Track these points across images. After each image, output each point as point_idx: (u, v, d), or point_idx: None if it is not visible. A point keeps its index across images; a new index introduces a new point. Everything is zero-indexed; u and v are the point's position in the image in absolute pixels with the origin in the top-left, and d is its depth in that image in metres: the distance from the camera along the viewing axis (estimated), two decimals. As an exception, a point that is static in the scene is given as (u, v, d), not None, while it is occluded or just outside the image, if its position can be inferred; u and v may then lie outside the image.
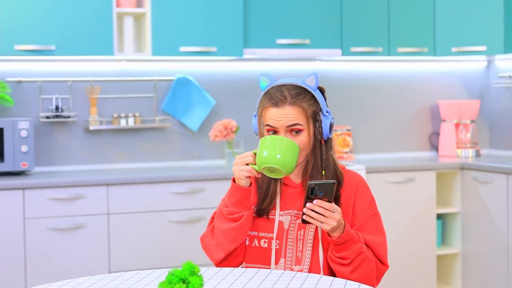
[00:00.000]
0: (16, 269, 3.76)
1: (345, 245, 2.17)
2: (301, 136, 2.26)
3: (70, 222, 3.87)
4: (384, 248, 2.29)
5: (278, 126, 2.25)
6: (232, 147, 4.49)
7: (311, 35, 4.54)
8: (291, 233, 2.28)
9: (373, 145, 5.02)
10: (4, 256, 3.75)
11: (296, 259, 2.27)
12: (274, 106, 2.26)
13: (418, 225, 4.50)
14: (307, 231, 2.27)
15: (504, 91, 5.08)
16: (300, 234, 2.27)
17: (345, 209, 2.27)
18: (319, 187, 2.08)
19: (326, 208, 2.08)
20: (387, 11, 4.70)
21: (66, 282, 2.04)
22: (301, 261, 2.26)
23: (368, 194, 2.35)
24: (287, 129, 2.25)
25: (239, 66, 4.74)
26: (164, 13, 4.22)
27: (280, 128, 2.25)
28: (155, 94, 4.54)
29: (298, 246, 2.27)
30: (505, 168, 4.25)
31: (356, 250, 2.18)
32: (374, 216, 2.32)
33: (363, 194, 2.33)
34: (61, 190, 3.86)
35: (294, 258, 2.27)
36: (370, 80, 5.02)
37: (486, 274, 4.43)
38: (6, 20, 3.92)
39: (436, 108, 5.14)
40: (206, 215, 4.05)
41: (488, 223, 4.39)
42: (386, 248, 2.30)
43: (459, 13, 4.78)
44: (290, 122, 2.25)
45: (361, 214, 2.30)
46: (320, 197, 2.08)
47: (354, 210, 2.30)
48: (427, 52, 4.81)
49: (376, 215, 2.33)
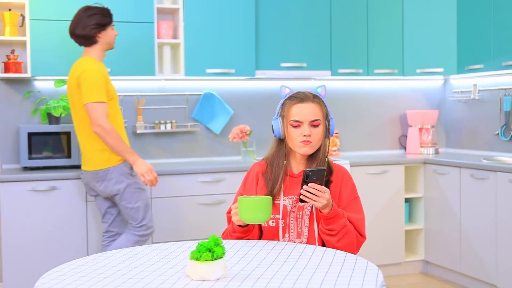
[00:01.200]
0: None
1: (333, 219, 2.17)
2: (319, 129, 2.26)
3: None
4: (363, 224, 2.30)
5: (303, 120, 2.25)
6: (247, 146, 4.48)
7: (307, 60, 4.53)
8: (292, 214, 2.28)
9: (355, 145, 5.00)
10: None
11: (297, 233, 2.27)
12: (300, 102, 2.26)
13: (390, 206, 4.48)
14: (304, 211, 2.27)
15: (457, 103, 5.05)
16: (299, 214, 2.27)
17: (333, 193, 2.28)
18: (312, 173, 2.08)
19: (318, 189, 2.09)
20: (366, 41, 4.68)
21: (118, 251, 2.05)
22: (301, 235, 2.26)
23: (351, 182, 2.35)
24: (310, 122, 2.25)
25: (252, 84, 4.72)
26: (194, 43, 4.21)
27: (305, 121, 2.25)
28: (187, 106, 4.54)
29: (298, 223, 2.27)
30: (458, 162, 4.22)
31: (341, 224, 2.18)
32: (355, 199, 2.33)
33: (347, 182, 2.34)
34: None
35: (296, 232, 2.27)
36: (353, 95, 5.00)
37: (443, 245, 4.41)
38: (72, 48, 3.92)
39: (404, 116, 5.12)
40: (227, 199, 4.04)
41: (445, 205, 4.36)
42: (364, 224, 2.31)
43: (422, 42, 4.76)
44: (313, 117, 2.25)
45: (346, 197, 2.31)
46: (313, 181, 2.09)
47: (340, 194, 2.31)
48: (397, 73, 4.79)
49: (357, 198, 2.34)
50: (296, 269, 1.77)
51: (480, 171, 4.00)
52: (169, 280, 1.67)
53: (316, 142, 2.27)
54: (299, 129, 2.25)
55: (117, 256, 1.96)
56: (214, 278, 1.66)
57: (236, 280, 1.66)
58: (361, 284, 1.60)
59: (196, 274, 1.67)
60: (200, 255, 1.67)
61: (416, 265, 4.65)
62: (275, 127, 2.31)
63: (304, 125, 2.24)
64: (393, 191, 4.49)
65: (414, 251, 4.69)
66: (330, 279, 1.66)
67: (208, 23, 4.24)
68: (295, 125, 2.25)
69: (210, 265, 1.66)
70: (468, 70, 4.54)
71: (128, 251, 2.03)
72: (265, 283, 1.62)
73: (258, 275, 1.71)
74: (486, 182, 3.95)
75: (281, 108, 2.31)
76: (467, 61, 4.53)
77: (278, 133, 2.30)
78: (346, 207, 2.28)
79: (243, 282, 1.64)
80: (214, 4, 4.25)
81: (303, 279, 1.66)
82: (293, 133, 2.26)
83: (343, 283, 1.62)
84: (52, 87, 4.12)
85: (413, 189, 4.67)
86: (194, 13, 4.21)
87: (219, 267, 1.67)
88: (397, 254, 4.52)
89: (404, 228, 4.55)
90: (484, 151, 4.74)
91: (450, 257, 4.31)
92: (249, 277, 1.69)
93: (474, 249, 4.08)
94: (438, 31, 4.72)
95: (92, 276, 1.73)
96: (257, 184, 2.34)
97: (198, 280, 1.66)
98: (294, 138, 2.26)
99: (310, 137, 2.24)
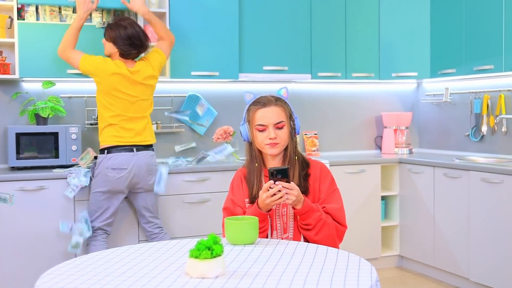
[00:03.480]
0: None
1: (307, 214, 2.17)
2: (284, 130, 2.28)
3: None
4: (343, 214, 2.30)
5: (267, 123, 2.26)
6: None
7: (288, 63, 4.52)
8: (277, 211, 2.28)
9: (334, 145, 5.01)
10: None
11: (283, 229, 2.27)
12: (263, 107, 2.27)
13: (367, 204, 4.50)
14: (288, 208, 2.27)
15: (430, 106, 5.10)
16: (284, 210, 2.28)
17: (312, 188, 2.30)
18: (277, 172, 2.09)
19: (286, 187, 2.09)
20: (344, 47, 4.69)
21: (116, 249, 2.01)
22: (287, 230, 2.27)
23: (329, 175, 2.35)
24: (274, 125, 2.25)
25: (235, 86, 4.69)
26: (179, 46, 4.16)
27: (269, 125, 2.26)
28: (172, 107, 4.49)
29: (283, 220, 2.27)
30: (432, 162, 4.26)
31: (316, 218, 2.18)
32: (334, 191, 2.33)
33: (325, 176, 2.34)
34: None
35: (282, 228, 2.27)
36: (332, 97, 5.01)
37: (417, 240, 4.44)
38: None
39: (380, 118, 5.14)
40: (212, 197, 4.01)
41: (419, 202, 4.39)
42: (344, 213, 2.31)
43: (397, 48, 4.79)
44: (277, 119, 2.27)
45: (325, 190, 2.31)
46: (279, 179, 2.09)
47: (319, 188, 2.31)
48: (374, 77, 4.81)
49: (336, 190, 2.34)
50: (292, 265, 1.75)
51: (454, 170, 4.04)
52: (169, 278, 1.64)
53: (283, 142, 2.29)
54: (265, 132, 2.27)
55: (115, 255, 1.92)
56: (214, 276, 1.63)
57: (235, 277, 1.64)
58: (356, 280, 1.59)
59: (195, 272, 1.64)
60: (200, 253, 1.64)
61: (392, 260, 4.67)
62: (243, 132, 2.33)
63: (269, 129, 2.26)
64: (370, 189, 4.51)
65: (390, 246, 4.72)
66: (325, 275, 1.65)
67: (193, 27, 4.21)
68: (260, 129, 2.27)
69: (210, 263, 1.63)
70: (441, 74, 4.58)
71: (125, 249, 1.99)
72: (263, 280, 1.60)
73: (255, 272, 1.69)
74: (459, 180, 3.99)
75: (247, 114, 2.32)
76: (440, 66, 4.58)
77: (246, 137, 2.33)
78: (325, 200, 2.28)
79: (242, 279, 1.62)
80: (199, 9, 4.22)
81: (299, 276, 1.64)
82: (260, 136, 2.28)
83: (339, 279, 1.61)
84: (40, 88, 4.04)
85: (389, 187, 4.70)
86: (179, 18, 4.17)
87: (218, 264, 1.65)
88: (374, 250, 4.54)
89: (380, 225, 4.57)
90: (455, 151, 4.79)
91: (424, 252, 4.35)
92: (247, 274, 1.66)
93: (447, 244, 4.12)
94: (412, 37, 4.75)
95: (91, 275, 1.69)
96: (243, 188, 2.35)
97: (197, 277, 1.63)
98: (261, 141, 2.28)
99: (276, 139, 2.26)
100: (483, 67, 4.14)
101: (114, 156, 3.50)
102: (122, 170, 3.50)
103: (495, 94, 4.39)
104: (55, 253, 3.61)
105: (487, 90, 4.45)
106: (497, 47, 4.03)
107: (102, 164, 3.50)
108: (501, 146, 4.37)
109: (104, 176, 3.49)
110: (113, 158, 3.50)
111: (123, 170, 3.50)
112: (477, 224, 3.85)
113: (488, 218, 3.76)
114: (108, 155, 3.51)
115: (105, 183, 3.50)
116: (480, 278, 3.85)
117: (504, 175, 3.62)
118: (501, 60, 4.00)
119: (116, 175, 3.50)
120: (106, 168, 3.48)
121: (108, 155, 3.51)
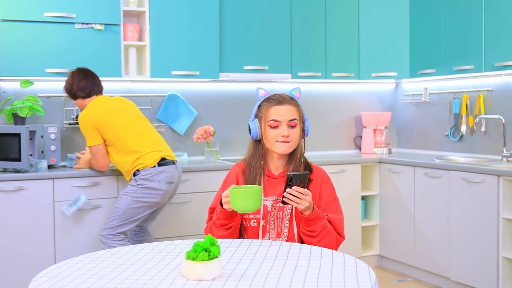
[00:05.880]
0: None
1: (314, 221, 2.15)
2: (296, 129, 2.25)
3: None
4: (342, 224, 2.28)
5: (281, 120, 2.23)
6: (210, 146, 4.43)
7: (269, 63, 4.52)
8: (273, 214, 2.25)
9: (313, 145, 5.01)
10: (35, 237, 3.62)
11: (277, 233, 2.24)
12: (278, 104, 2.24)
13: (347, 204, 4.51)
14: (285, 211, 2.24)
15: (408, 105, 5.15)
16: (280, 214, 2.25)
17: (313, 193, 2.25)
18: (296, 177, 2.06)
19: (302, 192, 2.07)
20: (324, 46, 4.72)
21: (107, 251, 1.98)
22: (281, 234, 2.24)
23: (330, 184, 2.33)
24: (288, 122, 2.23)
25: (216, 86, 4.68)
26: (159, 45, 4.14)
27: (283, 122, 2.23)
28: (152, 107, 4.45)
29: (278, 223, 2.25)
30: (412, 162, 4.30)
31: (322, 225, 2.16)
32: (334, 200, 2.31)
33: (326, 184, 2.32)
34: (83, 180, 3.74)
35: (276, 232, 2.24)
36: (312, 97, 5.02)
37: (397, 240, 4.48)
38: (39, 49, 3.80)
39: (359, 117, 5.18)
40: (192, 198, 3.99)
41: (399, 202, 4.44)
42: (343, 224, 2.29)
43: (377, 48, 4.83)
44: (291, 117, 2.24)
45: (325, 198, 2.28)
46: (296, 184, 2.07)
47: (320, 195, 2.28)
48: (353, 76, 4.85)
49: (336, 200, 2.32)
50: (288, 267, 1.75)
51: (434, 169, 4.08)
52: (166, 280, 1.62)
53: (294, 142, 2.26)
54: (278, 129, 2.24)
55: (106, 256, 1.89)
56: (211, 278, 1.62)
57: (232, 279, 1.63)
58: (356, 281, 1.60)
59: (192, 274, 1.62)
60: (197, 255, 1.62)
61: (372, 259, 4.71)
62: (252, 128, 2.28)
63: (283, 126, 2.23)
64: (350, 189, 4.53)
65: (370, 246, 4.75)
66: (324, 276, 1.64)
67: (173, 26, 4.18)
68: (273, 125, 2.24)
69: (207, 265, 1.61)
70: (420, 74, 4.63)
71: (117, 251, 1.96)
72: (262, 282, 1.59)
73: (252, 273, 1.68)
74: (439, 180, 4.04)
75: (258, 110, 2.29)
76: (420, 66, 4.63)
77: (255, 134, 2.28)
78: (325, 208, 2.26)
79: (239, 281, 1.61)
80: (179, 7, 4.19)
81: (298, 278, 1.64)
82: (271, 133, 2.24)
83: (338, 281, 1.61)
84: (17, 88, 3.96)
85: (369, 187, 4.73)
86: (159, 16, 4.14)
87: (216, 266, 1.63)
88: (354, 249, 4.56)
89: (360, 224, 4.60)
90: (434, 151, 4.84)
91: (405, 251, 4.39)
92: (245, 276, 1.65)
93: (428, 243, 4.16)
94: (392, 38, 4.80)
95: (85, 277, 1.65)
96: (237, 184, 2.30)
97: (195, 279, 1.61)
98: (272, 138, 2.24)
99: (289, 137, 2.23)
100: (463, 67, 4.20)
101: (166, 169, 3.53)
102: (172, 184, 3.58)
103: (474, 94, 4.46)
104: (33, 255, 3.53)
105: (466, 90, 4.51)
106: (477, 47, 4.09)
107: (156, 177, 3.50)
108: (480, 146, 4.44)
109: (156, 189, 3.50)
110: (166, 171, 3.52)
111: (172, 184, 3.58)
112: (458, 223, 3.91)
113: (468, 217, 3.82)
114: (160, 168, 3.51)
115: (156, 196, 3.51)
116: (461, 277, 3.90)
117: (485, 175, 3.67)
118: (481, 60, 4.07)
119: (169, 188, 3.56)
120: (159, 182, 3.50)
121: (160, 168, 3.51)
